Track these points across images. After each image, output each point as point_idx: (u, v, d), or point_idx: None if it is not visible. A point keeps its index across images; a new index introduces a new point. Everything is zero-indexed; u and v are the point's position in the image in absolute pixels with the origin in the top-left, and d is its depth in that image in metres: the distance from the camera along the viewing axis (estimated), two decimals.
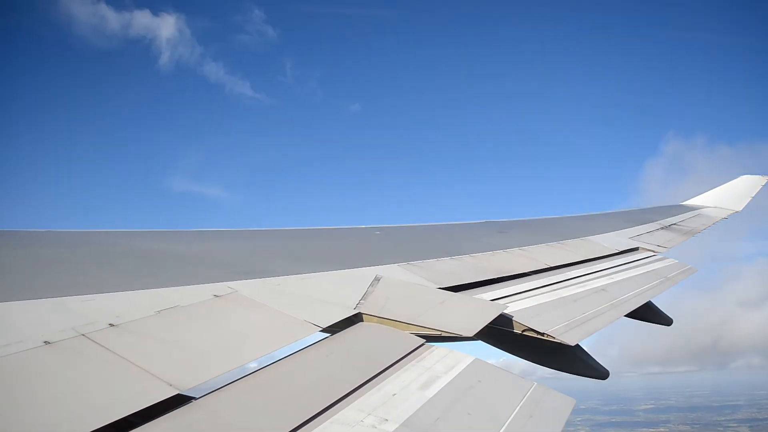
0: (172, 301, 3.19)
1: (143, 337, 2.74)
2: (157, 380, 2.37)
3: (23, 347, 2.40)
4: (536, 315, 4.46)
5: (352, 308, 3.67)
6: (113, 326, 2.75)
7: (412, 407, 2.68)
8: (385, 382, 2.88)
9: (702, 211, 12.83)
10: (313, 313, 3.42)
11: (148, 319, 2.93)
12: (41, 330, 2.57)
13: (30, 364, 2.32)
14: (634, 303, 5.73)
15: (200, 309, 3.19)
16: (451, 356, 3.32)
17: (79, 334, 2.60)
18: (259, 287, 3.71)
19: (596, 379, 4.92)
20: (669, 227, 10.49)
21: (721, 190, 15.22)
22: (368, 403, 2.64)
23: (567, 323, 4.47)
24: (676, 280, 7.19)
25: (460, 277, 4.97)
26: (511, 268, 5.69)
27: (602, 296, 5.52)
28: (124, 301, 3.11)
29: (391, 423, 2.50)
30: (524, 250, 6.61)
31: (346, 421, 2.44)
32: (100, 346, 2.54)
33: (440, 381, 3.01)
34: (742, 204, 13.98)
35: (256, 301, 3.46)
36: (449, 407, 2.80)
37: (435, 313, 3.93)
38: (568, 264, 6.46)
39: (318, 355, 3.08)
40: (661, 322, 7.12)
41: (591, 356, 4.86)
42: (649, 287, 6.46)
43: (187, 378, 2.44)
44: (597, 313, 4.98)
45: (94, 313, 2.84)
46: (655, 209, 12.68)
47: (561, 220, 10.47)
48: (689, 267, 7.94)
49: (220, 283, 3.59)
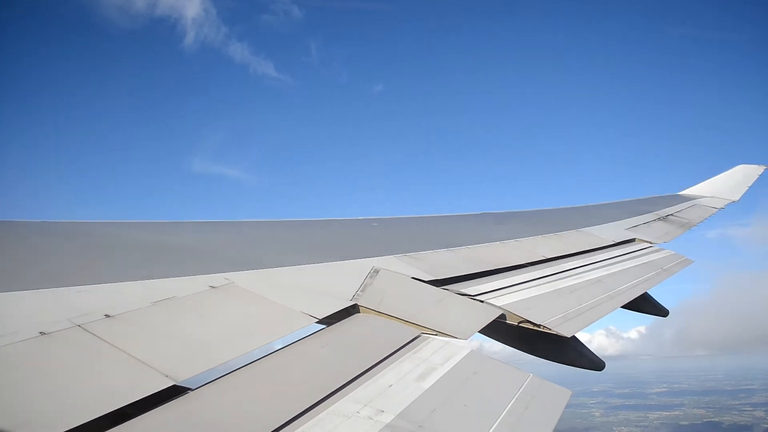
0: (168, 292, 3.18)
1: (139, 328, 2.74)
2: (154, 371, 2.37)
3: (19, 338, 2.39)
4: (532, 307, 4.47)
5: (348, 300, 3.67)
6: (109, 317, 2.74)
7: (408, 398, 2.69)
8: (381, 373, 2.89)
9: (699, 201, 12.82)
10: (309, 305, 3.42)
11: (144, 310, 2.92)
12: (37, 321, 2.56)
13: (26, 354, 2.31)
14: (630, 294, 5.75)
15: (196, 300, 3.19)
16: (447, 348, 3.33)
17: (75, 324, 2.59)
18: (255, 278, 3.70)
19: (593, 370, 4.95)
20: (665, 218, 10.50)
21: (718, 179, 15.19)
22: (365, 394, 2.64)
23: (563, 315, 4.49)
24: (672, 272, 7.22)
25: (457, 269, 4.97)
26: (508, 259, 5.69)
27: (598, 287, 5.54)
28: (120, 291, 3.10)
29: (388, 414, 2.51)
30: (520, 241, 6.61)
31: (343, 412, 2.45)
32: (95, 336, 2.54)
33: (436, 372, 3.02)
34: (740, 193, 13.97)
35: (253, 292, 3.45)
36: (445, 398, 2.81)
37: (432, 312, 3.93)
38: (564, 255, 6.47)
39: (314, 346, 3.09)
40: (657, 314, 7.16)
41: (587, 347, 4.88)
42: (645, 278, 6.49)
43: (184, 369, 2.44)
44: (593, 304, 4.99)
45: (89, 304, 2.83)
46: (651, 199, 12.68)
47: (557, 211, 10.47)
48: (685, 258, 7.97)
49: (216, 274, 3.59)
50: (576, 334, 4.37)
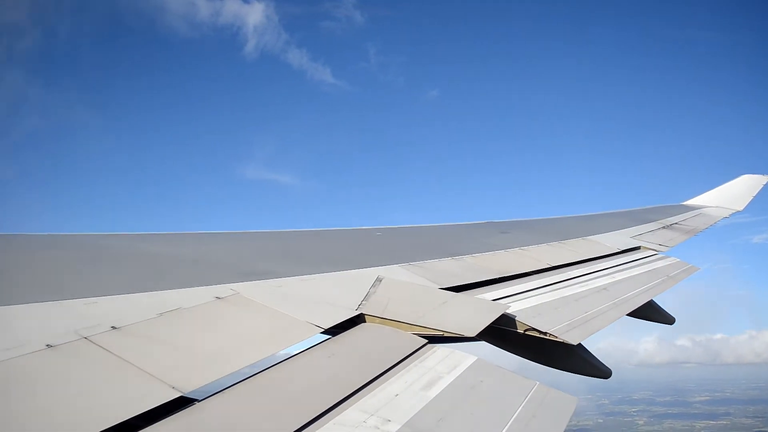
0: (174, 303, 3.19)
1: (145, 340, 2.75)
2: (160, 383, 2.37)
3: (26, 350, 2.40)
4: (538, 314, 4.46)
5: (353, 309, 3.67)
6: (116, 329, 2.75)
7: (414, 408, 2.69)
8: (387, 382, 2.88)
9: (703, 211, 12.80)
10: (314, 315, 3.42)
11: (151, 321, 2.93)
12: (44, 333, 2.57)
13: (33, 367, 2.32)
14: (636, 302, 5.73)
15: (202, 311, 3.20)
16: (453, 356, 3.32)
17: (82, 336, 2.60)
18: (260, 289, 3.71)
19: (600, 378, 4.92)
20: (670, 226, 10.48)
21: (722, 189, 15.16)
22: (371, 403, 2.64)
23: (569, 323, 4.47)
24: (677, 279, 7.19)
25: (462, 278, 4.97)
26: (513, 268, 5.69)
27: (604, 295, 5.52)
28: (127, 303, 3.11)
29: (394, 424, 2.50)
30: (525, 249, 6.60)
31: (349, 422, 2.45)
32: (102, 348, 2.55)
33: (442, 381, 3.01)
34: (744, 203, 13.94)
35: (258, 303, 3.46)
36: (452, 407, 2.80)
37: (437, 313, 3.93)
38: (569, 263, 6.46)
39: (320, 356, 3.08)
40: (663, 321, 7.12)
41: (594, 355, 4.85)
42: (650, 286, 6.46)
43: (190, 380, 2.44)
44: (599, 312, 4.98)
45: (96, 316, 2.84)
46: (656, 209, 12.66)
47: (562, 220, 10.47)
48: (691, 266, 7.94)
49: (221, 285, 3.60)
50: (582, 341, 4.36)
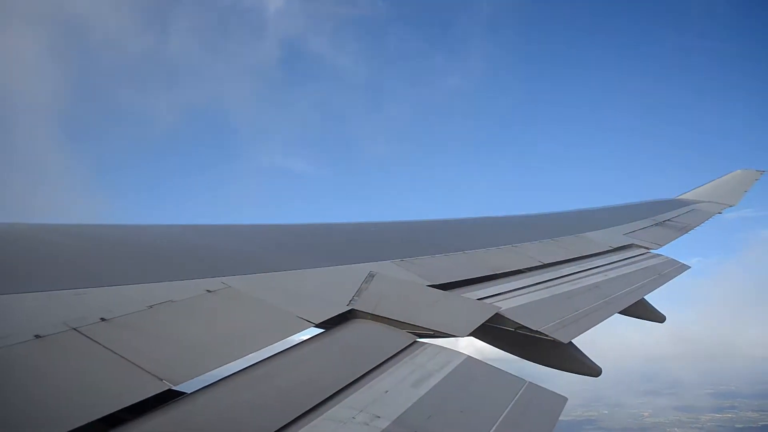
0: (164, 295, 3.17)
1: (135, 332, 2.73)
2: (149, 375, 2.36)
3: (14, 341, 2.38)
4: (529, 312, 4.46)
5: (345, 305, 3.67)
6: (105, 320, 2.74)
7: (404, 404, 2.69)
8: (377, 379, 2.88)
9: (696, 206, 12.80)
10: (306, 309, 3.42)
11: (140, 313, 2.91)
12: (32, 324, 2.55)
13: (21, 358, 2.31)
14: (627, 300, 5.76)
15: (193, 304, 3.18)
16: (443, 354, 3.33)
17: (71, 328, 2.58)
18: (252, 282, 3.70)
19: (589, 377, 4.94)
20: (663, 223, 10.50)
21: (716, 184, 15.16)
22: (360, 399, 2.64)
23: (560, 321, 4.49)
24: (669, 277, 7.23)
25: (454, 274, 4.97)
26: (504, 265, 5.69)
27: (595, 293, 5.54)
28: (116, 295, 3.09)
29: (383, 420, 2.50)
30: (517, 247, 6.61)
31: (338, 418, 2.45)
32: (91, 340, 2.53)
33: (433, 378, 3.01)
34: (738, 198, 13.94)
35: (249, 297, 3.45)
36: (441, 404, 2.81)
37: (429, 312, 3.93)
38: (561, 261, 6.47)
39: (310, 351, 3.08)
40: (654, 320, 7.16)
41: (584, 353, 4.88)
42: (642, 284, 6.49)
43: (179, 373, 2.43)
44: (590, 310, 5.00)
45: (85, 308, 2.82)
46: (648, 204, 12.66)
47: (554, 216, 10.47)
48: (682, 264, 7.98)
49: (212, 278, 3.58)
50: (573, 340, 4.37)
